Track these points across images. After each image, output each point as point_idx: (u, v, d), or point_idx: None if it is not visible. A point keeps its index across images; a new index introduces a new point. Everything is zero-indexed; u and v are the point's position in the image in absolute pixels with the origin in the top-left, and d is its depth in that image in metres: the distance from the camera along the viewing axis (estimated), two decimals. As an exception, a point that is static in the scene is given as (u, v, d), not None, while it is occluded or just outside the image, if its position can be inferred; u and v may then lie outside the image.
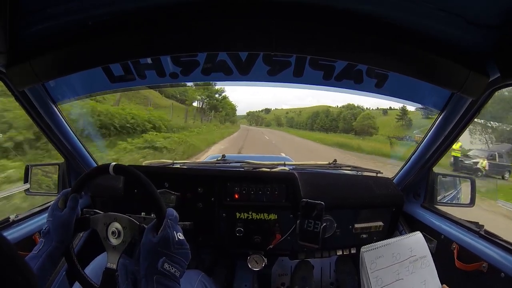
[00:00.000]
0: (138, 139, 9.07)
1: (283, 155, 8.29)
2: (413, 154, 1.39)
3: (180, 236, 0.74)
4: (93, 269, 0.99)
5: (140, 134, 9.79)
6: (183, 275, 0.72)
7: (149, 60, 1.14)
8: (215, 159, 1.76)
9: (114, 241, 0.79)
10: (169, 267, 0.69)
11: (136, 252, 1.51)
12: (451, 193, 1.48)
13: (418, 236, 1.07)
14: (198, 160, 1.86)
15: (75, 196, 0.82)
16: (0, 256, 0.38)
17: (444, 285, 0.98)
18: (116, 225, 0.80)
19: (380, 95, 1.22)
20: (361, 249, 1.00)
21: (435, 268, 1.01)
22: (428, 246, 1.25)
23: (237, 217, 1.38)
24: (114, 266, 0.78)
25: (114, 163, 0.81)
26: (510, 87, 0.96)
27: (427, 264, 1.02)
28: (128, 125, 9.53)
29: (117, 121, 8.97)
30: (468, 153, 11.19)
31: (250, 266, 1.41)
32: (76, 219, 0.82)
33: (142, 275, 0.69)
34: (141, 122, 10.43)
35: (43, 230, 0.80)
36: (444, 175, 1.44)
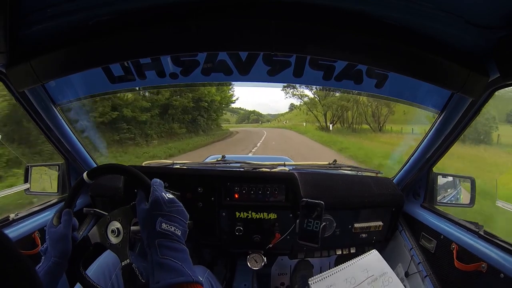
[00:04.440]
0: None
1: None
2: (413, 154, 1.39)
3: (169, 195, 0.74)
4: (96, 270, 0.99)
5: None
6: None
7: (149, 60, 1.14)
8: (215, 160, 1.76)
9: (114, 240, 0.79)
10: (167, 226, 0.68)
11: (136, 248, 1.51)
12: (451, 193, 1.48)
13: (373, 254, 1.05)
14: (198, 161, 1.86)
15: (68, 211, 0.82)
16: (5, 257, 0.38)
17: None
18: (113, 224, 0.79)
19: (380, 95, 1.23)
20: (309, 281, 1.00)
21: (400, 283, 0.98)
22: (428, 246, 1.26)
23: (237, 216, 1.38)
24: (128, 261, 0.77)
25: (86, 171, 0.82)
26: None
27: (390, 280, 0.98)
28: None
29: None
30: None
31: (249, 265, 1.42)
32: (75, 246, 0.80)
33: (145, 245, 0.69)
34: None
35: (41, 249, 0.80)
36: (444, 175, 1.43)
